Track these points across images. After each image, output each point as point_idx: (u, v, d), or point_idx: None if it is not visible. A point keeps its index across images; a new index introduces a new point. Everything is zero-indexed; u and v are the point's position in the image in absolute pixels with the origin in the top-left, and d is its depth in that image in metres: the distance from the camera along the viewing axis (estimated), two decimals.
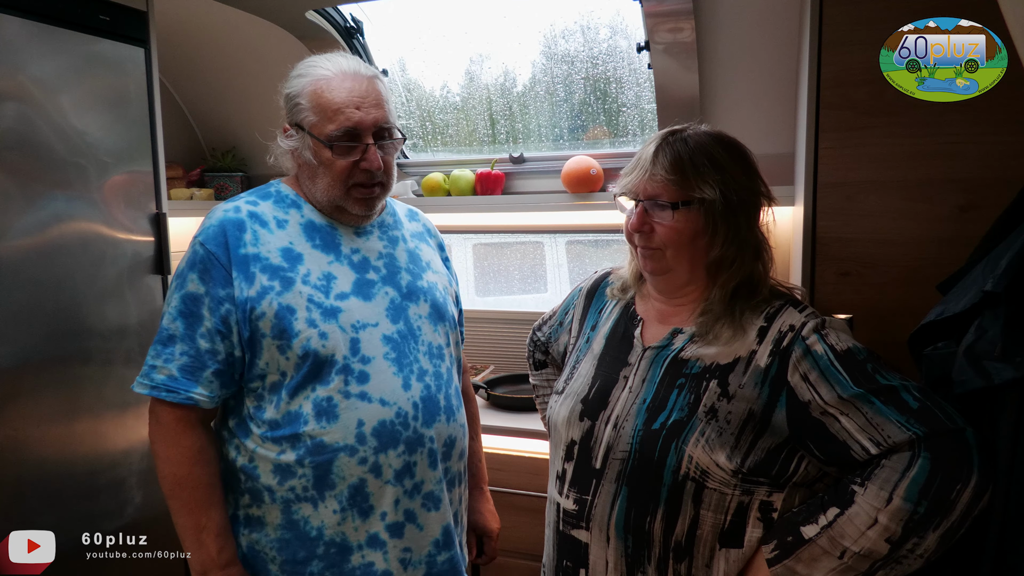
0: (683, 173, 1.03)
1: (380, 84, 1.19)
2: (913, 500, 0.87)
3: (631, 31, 2.20)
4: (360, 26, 2.35)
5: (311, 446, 1.12)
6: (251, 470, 1.15)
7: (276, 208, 1.21)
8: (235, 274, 1.12)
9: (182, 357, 1.12)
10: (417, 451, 1.17)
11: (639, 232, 1.08)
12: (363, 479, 1.13)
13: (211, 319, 1.12)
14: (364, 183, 1.18)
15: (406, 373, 1.18)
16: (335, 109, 1.14)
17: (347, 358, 1.14)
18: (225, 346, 1.12)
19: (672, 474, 0.99)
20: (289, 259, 1.16)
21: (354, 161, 1.16)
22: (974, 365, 0.88)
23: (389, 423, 1.14)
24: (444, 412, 1.22)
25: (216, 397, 1.14)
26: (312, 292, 1.14)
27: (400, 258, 1.27)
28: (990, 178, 1.34)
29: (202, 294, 1.12)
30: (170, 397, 1.11)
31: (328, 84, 1.15)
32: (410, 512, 1.18)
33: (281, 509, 1.15)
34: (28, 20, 1.55)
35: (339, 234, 1.22)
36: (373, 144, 1.16)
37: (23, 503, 1.55)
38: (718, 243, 1.04)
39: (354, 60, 1.20)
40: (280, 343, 1.12)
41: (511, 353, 2.54)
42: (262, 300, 1.12)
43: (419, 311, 1.24)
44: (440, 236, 1.44)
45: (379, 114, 1.16)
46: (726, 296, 1.05)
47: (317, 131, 1.15)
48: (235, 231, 1.15)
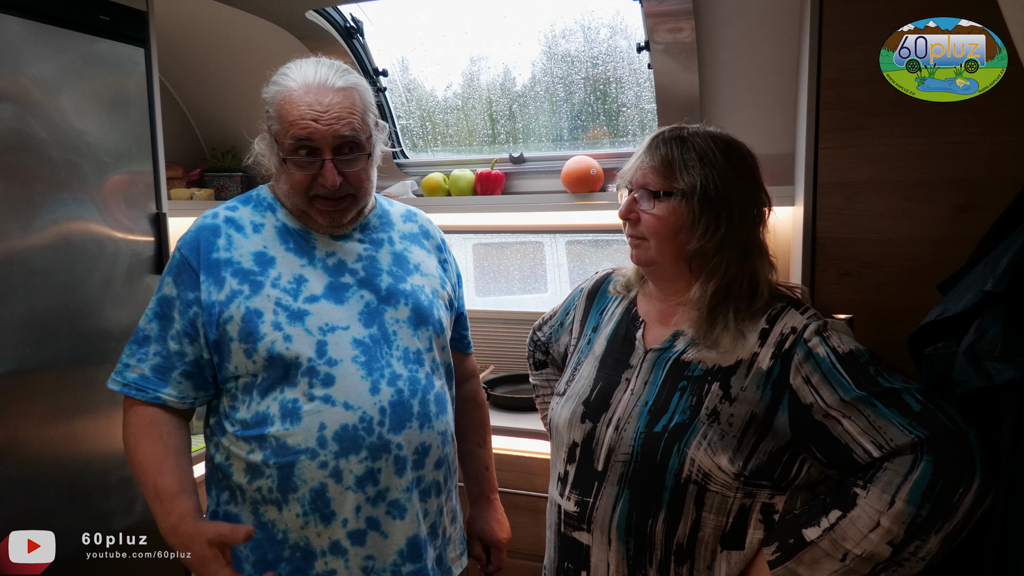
0: (670, 164, 1.05)
1: (354, 95, 1.14)
2: (915, 503, 0.87)
3: (631, 31, 2.20)
4: (360, 26, 2.34)
5: (276, 447, 1.11)
6: (227, 468, 1.16)
7: (254, 212, 1.21)
8: (203, 278, 1.14)
9: (155, 357, 1.14)
10: (381, 457, 1.14)
11: (627, 220, 1.10)
12: (324, 483, 1.12)
13: (180, 321, 1.14)
14: (325, 196, 1.15)
15: (375, 377, 1.15)
16: (291, 121, 1.11)
17: (312, 360, 1.12)
18: (193, 349, 1.14)
19: (674, 477, 0.99)
20: (261, 263, 1.16)
21: (312, 175, 1.13)
22: (974, 365, 0.88)
23: (351, 428, 1.12)
24: (417, 418, 1.18)
25: (187, 398, 1.16)
26: (280, 295, 1.14)
27: (382, 260, 1.25)
28: (990, 178, 1.34)
29: (174, 297, 1.15)
30: (139, 395, 1.14)
31: (290, 96, 1.12)
32: (373, 520, 1.15)
33: (251, 509, 1.15)
34: (28, 20, 1.55)
35: (314, 237, 1.21)
36: (330, 160, 1.12)
37: (23, 503, 1.55)
38: (696, 235, 1.04)
39: (327, 70, 1.14)
40: (246, 347, 1.12)
41: (511, 353, 2.53)
42: (231, 304, 1.12)
43: (397, 315, 1.21)
44: (440, 237, 1.40)
45: (338, 128, 1.11)
46: (707, 295, 1.04)
47: (279, 140, 1.14)
48: (209, 236, 1.16)
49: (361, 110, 1.14)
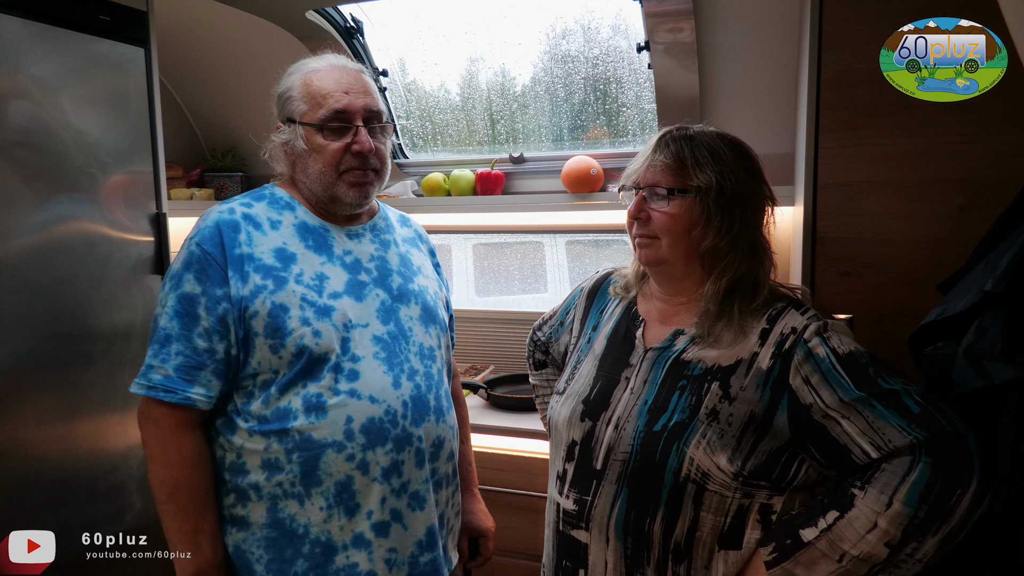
0: (682, 162, 1.05)
1: (367, 77, 1.26)
2: (913, 505, 0.87)
3: (631, 31, 2.20)
4: (360, 26, 2.35)
5: (299, 441, 1.12)
6: (238, 467, 1.16)
7: (270, 210, 1.22)
8: (231, 273, 1.13)
9: (178, 357, 1.12)
10: (405, 450, 1.17)
11: (636, 219, 1.09)
12: (350, 476, 1.13)
13: (208, 319, 1.12)
14: (357, 167, 1.20)
15: (396, 372, 1.19)
16: (325, 94, 1.19)
17: (339, 356, 1.14)
18: (223, 345, 1.13)
19: (673, 476, 0.99)
20: (282, 259, 1.17)
21: (346, 144, 1.19)
22: (974, 365, 0.88)
23: (378, 420, 1.15)
24: (434, 412, 1.22)
25: (213, 398, 1.15)
26: (305, 291, 1.15)
27: (392, 261, 1.29)
28: (990, 178, 1.34)
29: (198, 294, 1.13)
30: (168, 397, 1.11)
31: (317, 74, 1.22)
32: (396, 511, 1.18)
33: (267, 506, 1.15)
34: (28, 20, 1.55)
35: (332, 236, 1.24)
36: (363, 127, 1.20)
37: (24, 503, 1.55)
38: (711, 233, 1.04)
39: (342, 57, 1.27)
40: (273, 342, 1.12)
41: (511, 353, 2.54)
42: (255, 299, 1.13)
43: (410, 313, 1.25)
44: (431, 242, 1.45)
45: (368, 100, 1.22)
46: (719, 292, 1.05)
47: (308, 118, 1.20)
48: (230, 231, 1.16)
49: (375, 90, 1.26)
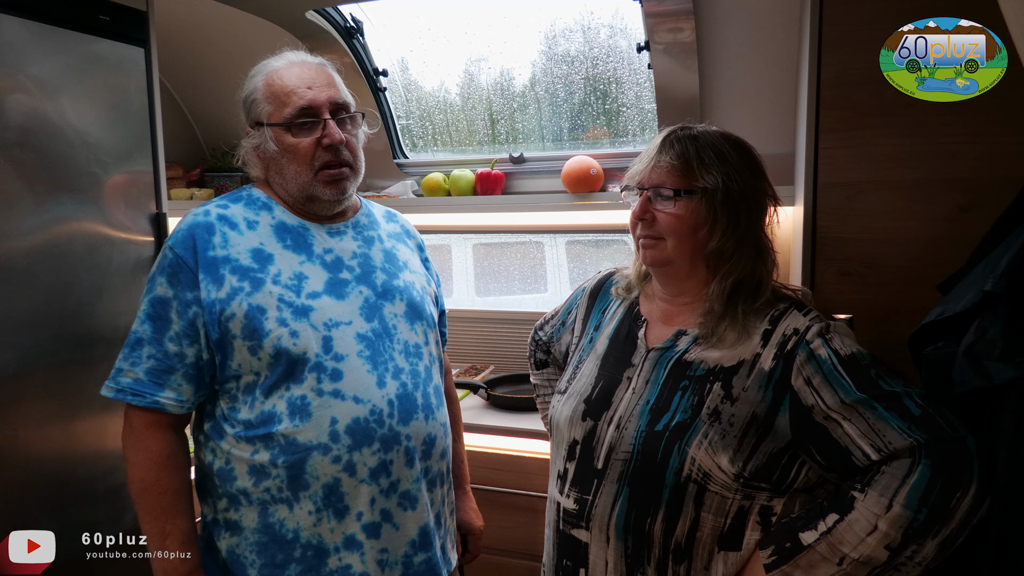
0: (687, 163, 1.04)
1: (330, 70, 1.25)
2: (913, 507, 0.87)
3: (631, 31, 2.20)
4: (360, 26, 2.35)
5: (284, 445, 1.11)
6: (227, 472, 1.15)
7: (247, 210, 1.22)
8: (202, 276, 1.13)
9: (149, 360, 1.12)
10: (393, 449, 1.16)
11: (641, 220, 1.08)
12: (337, 478, 1.13)
13: (179, 322, 1.12)
14: (330, 163, 1.19)
15: (380, 371, 1.17)
16: (288, 92, 1.18)
17: (319, 356, 1.13)
18: (194, 350, 1.13)
19: (674, 476, 0.99)
20: (259, 260, 1.16)
21: (317, 139, 1.18)
22: (974, 365, 0.88)
23: (363, 420, 1.14)
24: (422, 410, 1.21)
25: (186, 401, 1.14)
26: (283, 292, 1.15)
27: (375, 257, 1.27)
28: (990, 178, 1.34)
29: (170, 297, 1.13)
30: (136, 401, 1.12)
31: (278, 73, 1.21)
32: (386, 512, 1.17)
33: (258, 512, 1.14)
34: (28, 20, 1.55)
35: (311, 234, 1.23)
36: (331, 120, 1.19)
37: (24, 504, 1.55)
38: (717, 234, 1.04)
39: (302, 53, 1.26)
40: (251, 344, 1.12)
41: (511, 353, 2.53)
42: (231, 301, 1.12)
43: (395, 310, 1.24)
44: (420, 237, 1.43)
45: (332, 92, 1.20)
46: (725, 291, 1.05)
47: (275, 118, 1.19)
48: (204, 234, 1.16)
49: (339, 82, 1.24)
